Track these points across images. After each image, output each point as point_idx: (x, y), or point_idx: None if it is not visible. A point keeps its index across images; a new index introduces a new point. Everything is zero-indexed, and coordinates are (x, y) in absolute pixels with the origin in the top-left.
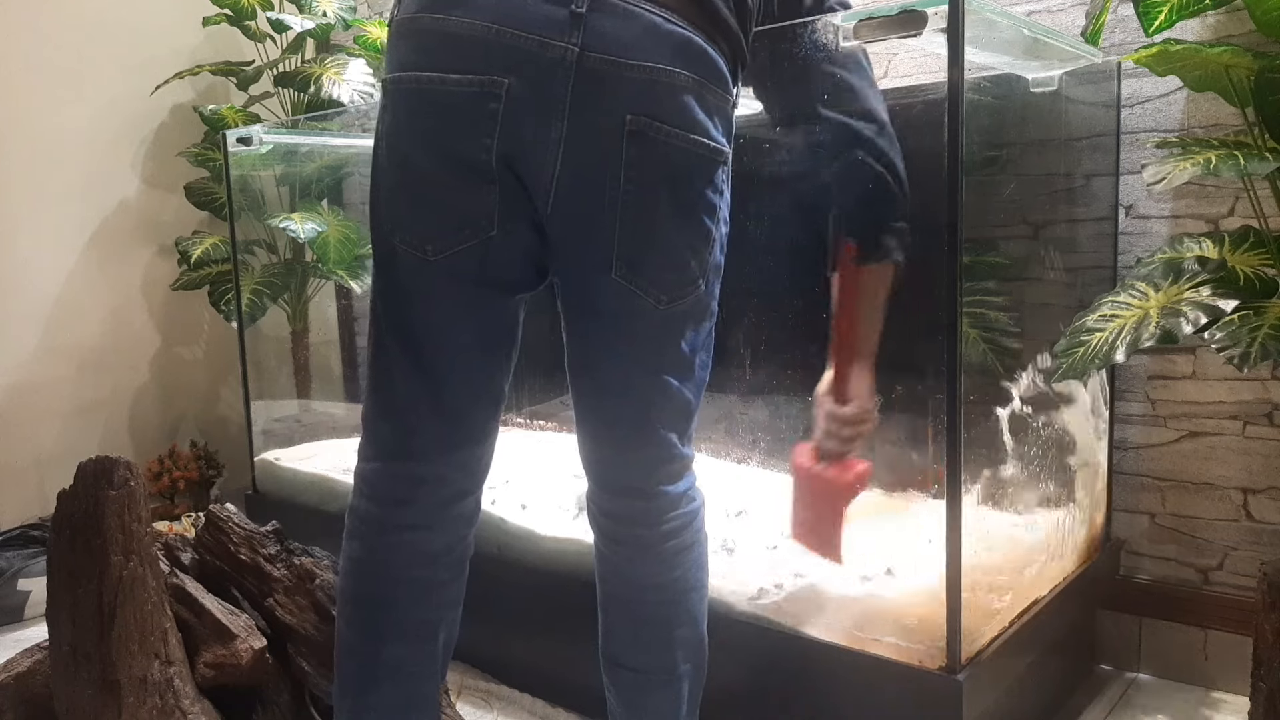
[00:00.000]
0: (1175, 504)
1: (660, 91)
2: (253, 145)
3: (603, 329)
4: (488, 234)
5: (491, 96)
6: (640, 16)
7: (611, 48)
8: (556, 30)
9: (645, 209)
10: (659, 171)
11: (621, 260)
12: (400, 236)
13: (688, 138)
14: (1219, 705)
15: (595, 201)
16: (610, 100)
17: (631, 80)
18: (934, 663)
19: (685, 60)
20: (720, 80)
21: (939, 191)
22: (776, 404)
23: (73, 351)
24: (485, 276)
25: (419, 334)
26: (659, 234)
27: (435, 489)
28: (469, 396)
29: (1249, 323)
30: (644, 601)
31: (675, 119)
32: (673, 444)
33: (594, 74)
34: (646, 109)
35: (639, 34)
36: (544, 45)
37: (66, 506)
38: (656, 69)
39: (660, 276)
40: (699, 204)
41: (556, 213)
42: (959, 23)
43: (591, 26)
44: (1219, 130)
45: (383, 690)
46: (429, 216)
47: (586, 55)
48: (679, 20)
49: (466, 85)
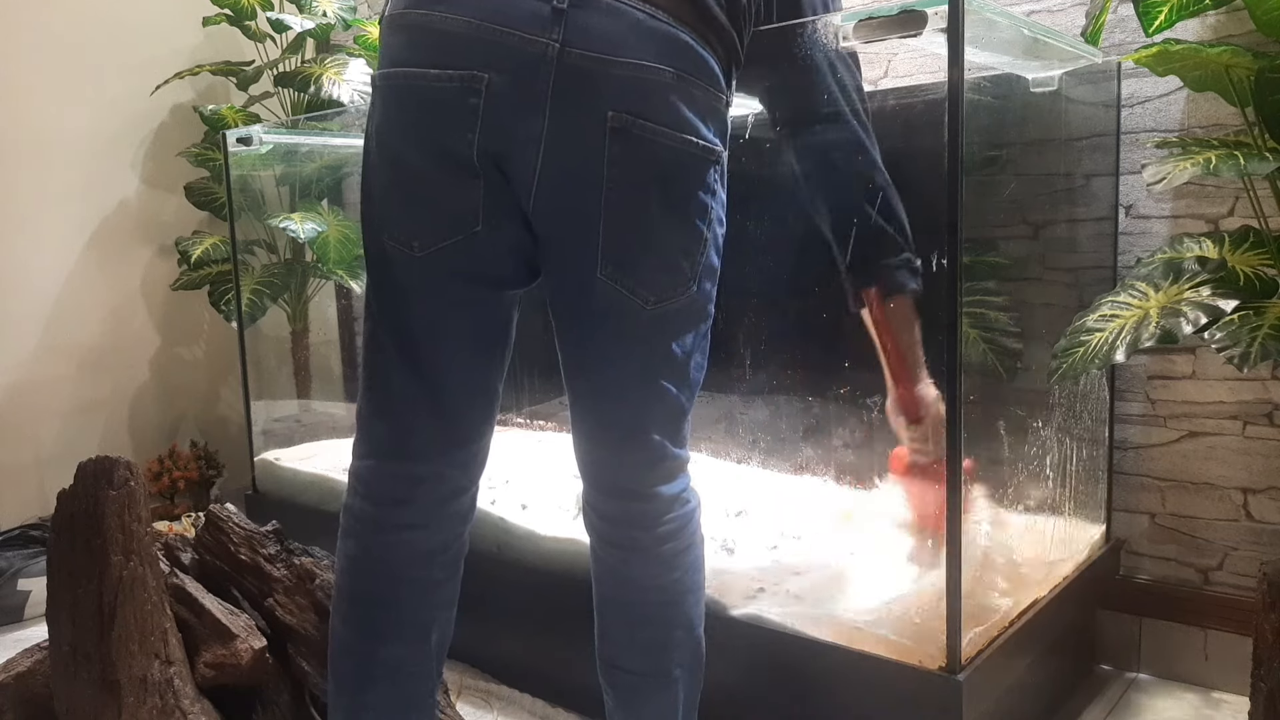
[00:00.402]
0: (1175, 504)
1: (646, 88)
2: (253, 145)
3: (592, 330)
4: (473, 230)
5: (472, 91)
6: (625, 13)
7: (594, 44)
8: (538, 25)
9: (631, 208)
10: (644, 170)
11: (608, 260)
12: (389, 233)
13: (675, 135)
14: (1219, 705)
15: (579, 199)
16: (592, 96)
17: (615, 77)
18: (934, 663)
19: (672, 57)
20: (711, 79)
21: (939, 191)
22: (776, 404)
23: (73, 351)
24: (473, 273)
25: (412, 331)
26: (647, 234)
27: (433, 487)
28: (463, 394)
29: (1249, 323)
30: (640, 604)
31: (661, 116)
32: (666, 445)
33: (576, 70)
34: (630, 106)
35: (623, 30)
36: (525, 40)
37: (66, 506)
38: (641, 65)
39: (649, 277)
40: (689, 204)
41: (540, 210)
42: (959, 23)
43: (574, 22)
44: (1219, 130)
45: (380, 689)
46: (416, 213)
47: (568, 51)
48: (666, 17)
49: (448, 80)
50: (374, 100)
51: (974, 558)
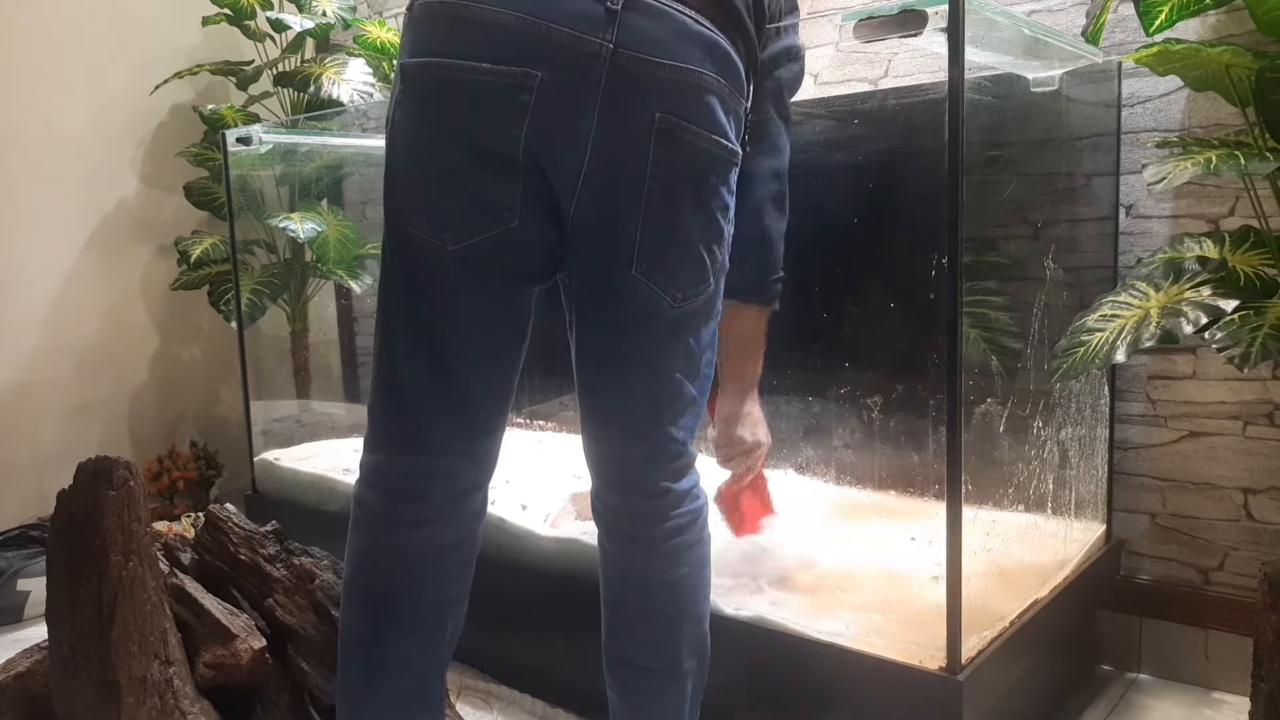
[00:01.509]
0: (1176, 504)
1: (689, 91)
2: (252, 145)
3: (616, 325)
4: (509, 225)
5: (524, 88)
6: (673, 16)
7: (645, 46)
8: (592, 25)
9: (670, 208)
10: (683, 171)
11: (643, 258)
12: (418, 225)
13: (710, 138)
14: (1219, 705)
15: (622, 198)
16: (641, 98)
17: (662, 79)
18: (934, 663)
19: (712, 62)
20: (739, 82)
21: (939, 191)
22: (776, 404)
23: (72, 351)
24: (505, 268)
25: (435, 324)
26: (680, 232)
27: (448, 483)
28: (482, 388)
29: (1249, 323)
30: (649, 598)
31: (700, 119)
32: (679, 441)
33: (627, 71)
34: (675, 108)
35: (671, 34)
36: (579, 40)
37: (66, 506)
38: (686, 69)
39: (678, 275)
40: (715, 203)
41: (582, 208)
42: (959, 22)
43: (626, 24)
44: (1219, 130)
45: (392, 683)
46: (450, 206)
47: (620, 52)
48: (707, 22)
49: (499, 75)
50: (403, 89)
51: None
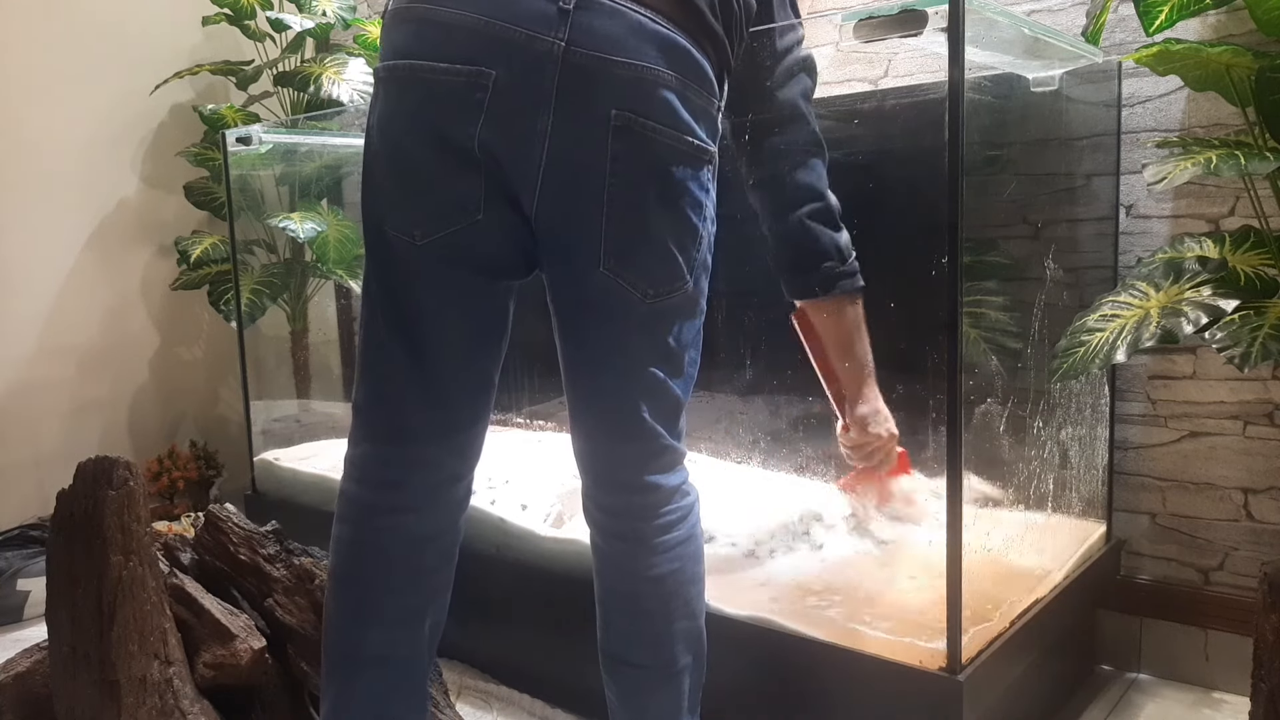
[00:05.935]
0: (1176, 504)
1: (645, 88)
2: (252, 145)
3: (593, 323)
4: (474, 218)
5: (478, 87)
6: (626, 15)
7: (598, 44)
8: (544, 25)
9: (633, 204)
10: (645, 167)
11: (610, 254)
12: (390, 222)
13: (672, 134)
14: (1219, 706)
15: (584, 195)
16: (596, 95)
17: (617, 76)
18: (934, 663)
19: (669, 60)
20: (704, 81)
21: (939, 191)
22: (776, 404)
23: (72, 351)
24: (473, 261)
25: (410, 318)
26: (647, 229)
27: (428, 472)
28: (460, 380)
29: (1250, 322)
30: (642, 595)
31: (660, 116)
32: (664, 437)
33: (580, 69)
34: (631, 105)
35: (624, 32)
36: (532, 38)
37: (66, 506)
38: (642, 66)
39: (649, 271)
40: (685, 200)
41: (543, 206)
42: (959, 22)
43: (578, 23)
44: (1219, 130)
45: (371, 673)
46: (417, 201)
47: (573, 50)
48: (664, 21)
49: (455, 74)
50: (376, 91)
51: (974, 557)
